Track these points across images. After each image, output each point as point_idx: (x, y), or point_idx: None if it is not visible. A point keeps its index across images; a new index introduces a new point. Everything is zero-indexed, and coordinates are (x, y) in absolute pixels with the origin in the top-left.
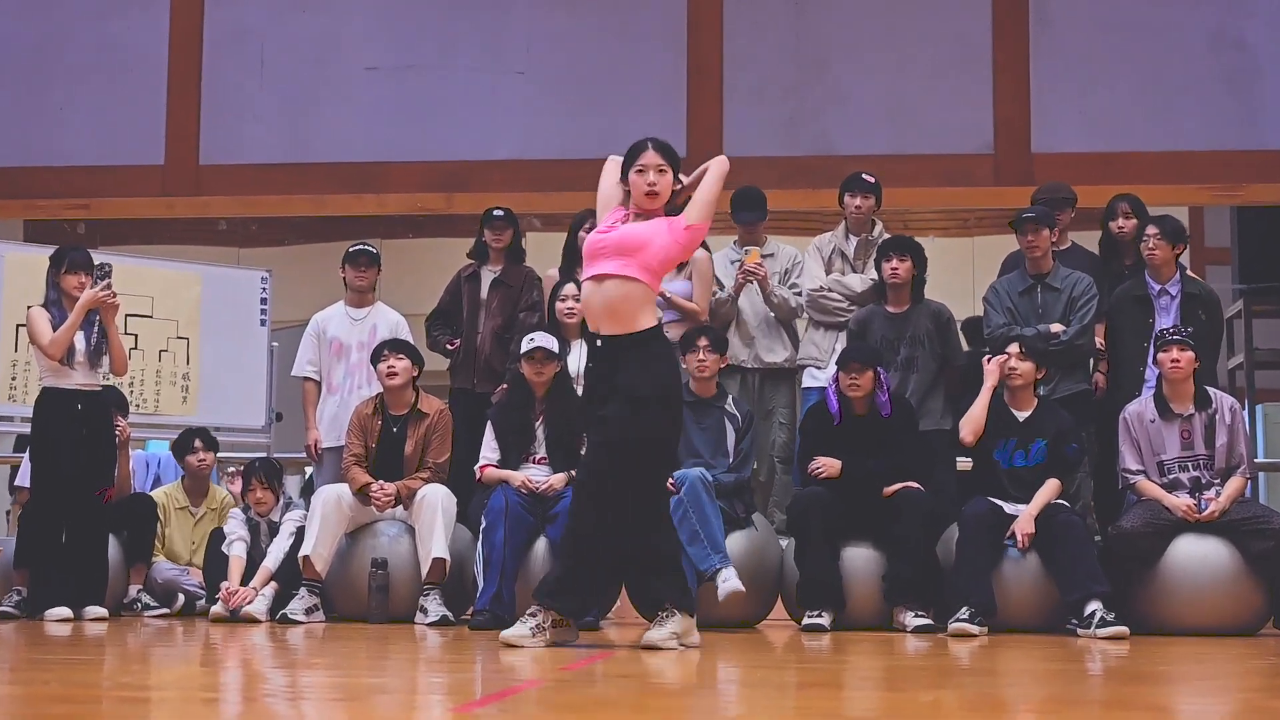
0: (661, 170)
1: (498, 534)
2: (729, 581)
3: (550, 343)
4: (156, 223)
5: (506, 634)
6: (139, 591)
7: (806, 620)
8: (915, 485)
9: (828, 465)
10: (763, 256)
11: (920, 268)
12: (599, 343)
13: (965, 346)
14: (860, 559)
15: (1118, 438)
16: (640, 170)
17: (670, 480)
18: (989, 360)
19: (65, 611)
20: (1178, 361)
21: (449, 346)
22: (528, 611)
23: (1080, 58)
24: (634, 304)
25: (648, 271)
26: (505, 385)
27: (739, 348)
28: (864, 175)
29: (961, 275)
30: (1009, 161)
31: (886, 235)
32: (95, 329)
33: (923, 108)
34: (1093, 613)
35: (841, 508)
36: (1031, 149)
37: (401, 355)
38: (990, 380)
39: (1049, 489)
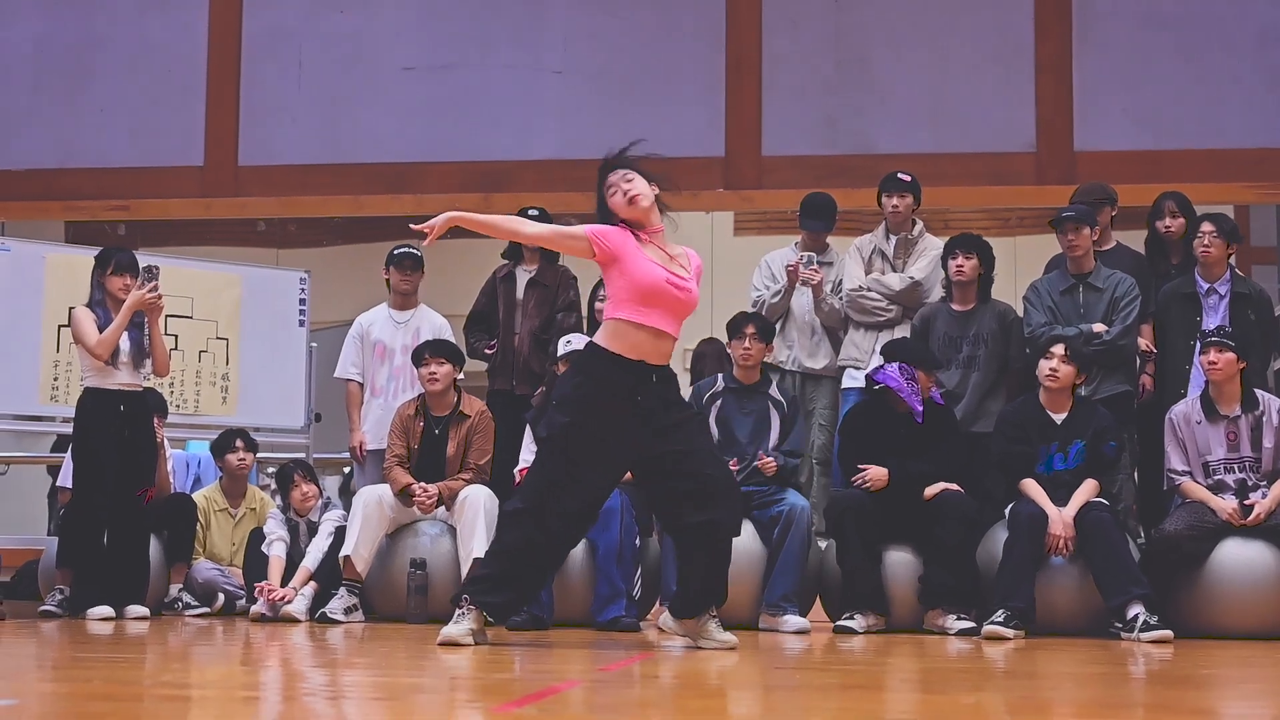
0: (628, 179)
1: None
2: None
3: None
4: (196, 223)
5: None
6: (180, 591)
7: (838, 623)
8: (955, 487)
9: (875, 477)
10: (821, 264)
11: (987, 266)
12: (655, 377)
13: None
14: (901, 563)
15: (1163, 438)
16: (611, 192)
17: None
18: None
19: (107, 610)
20: (1215, 363)
21: (487, 351)
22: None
23: (1125, 54)
24: None
25: None
26: (544, 388)
27: (779, 348)
28: (900, 174)
29: (1003, 275)
30: (1051, 160)
31: (927, 234)
32: (141, 330)
33: (964, 105)
34: (1135, 616)
35: (879, 511)
36: (1074, 147)
37: (443, 359)
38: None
39: (1086, 489)
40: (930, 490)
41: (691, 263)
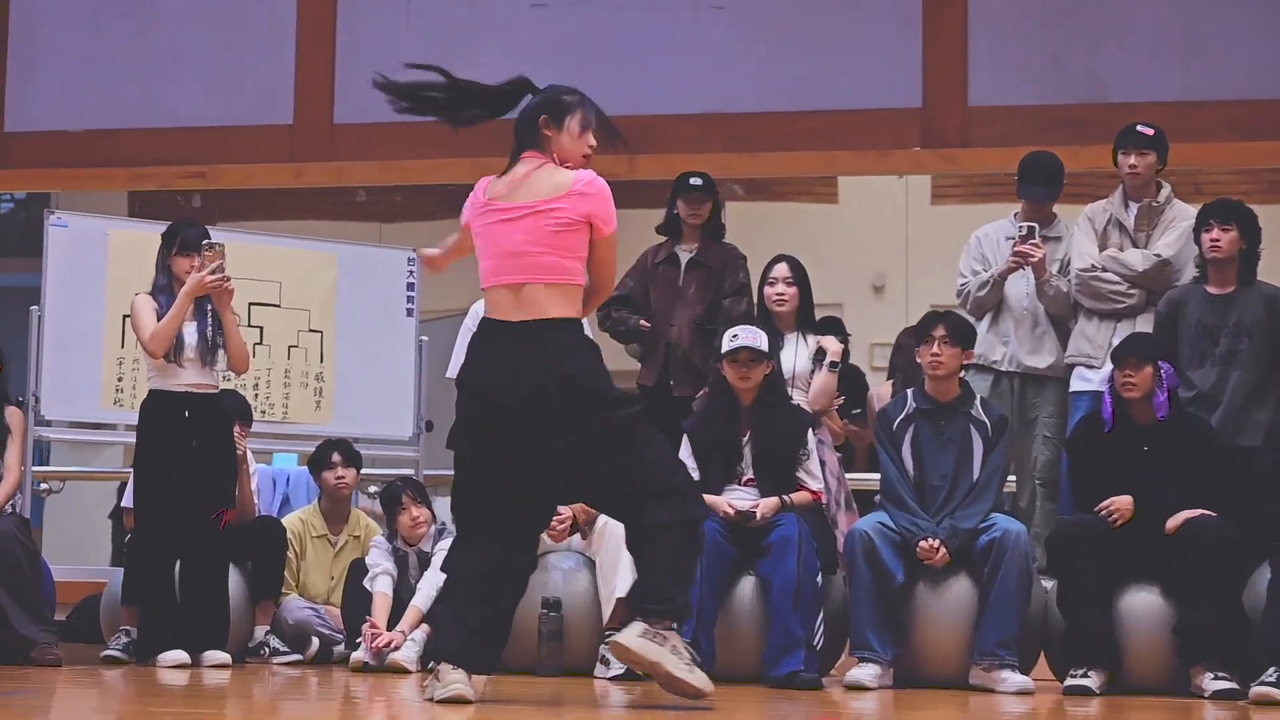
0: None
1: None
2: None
3: (758, 339)
4: (284, 193)
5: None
6: (266, 634)
7: (1069, 681)
8: (1207, 513)
9: (1120, 508)
10: (1046, 239)
11: (1250, 240)
12: None
13: None
14: (1143, 606)
15: None
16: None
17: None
18: None
19: (181, 656)
20: None
21: (643, 325)
22: None
23: None
24: None
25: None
26: (706, 390)
27: (992, 345)
28: (1140, 127)
29: (1271, 251)
30: None
31: (1175, 201)
32: (209, 319)
33: (1222, 40)
34: None
35: (1118, 542)
36: None
37: None
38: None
39: None
40: (1172, 522)
41: None
